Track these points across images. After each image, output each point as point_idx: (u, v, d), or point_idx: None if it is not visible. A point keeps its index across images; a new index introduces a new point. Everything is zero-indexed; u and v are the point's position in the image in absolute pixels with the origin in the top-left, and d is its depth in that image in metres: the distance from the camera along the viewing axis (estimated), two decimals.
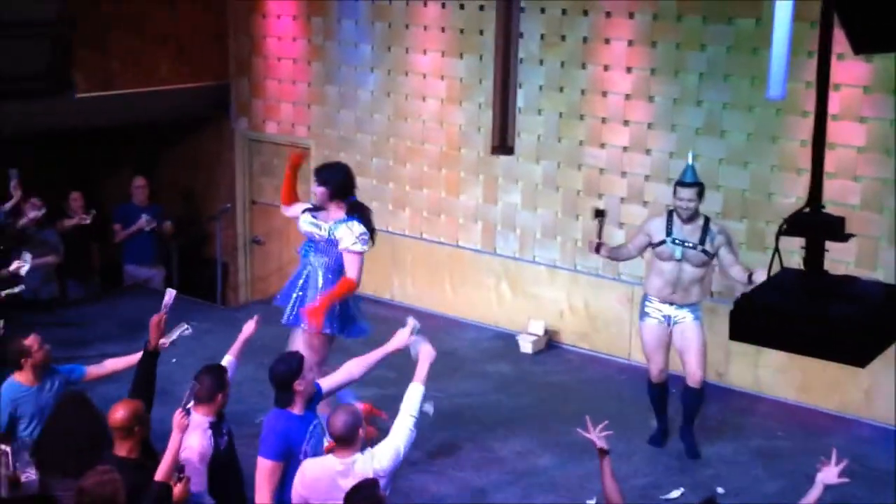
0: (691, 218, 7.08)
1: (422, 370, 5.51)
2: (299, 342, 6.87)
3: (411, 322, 5.87)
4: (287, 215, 7.30)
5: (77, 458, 5.49)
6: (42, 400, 6.28)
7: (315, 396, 5.62)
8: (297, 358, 5.48)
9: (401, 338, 5.84)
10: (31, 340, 6.43)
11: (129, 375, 8.03)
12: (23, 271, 7.71)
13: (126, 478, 5.11)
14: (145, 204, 10.49)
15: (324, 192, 6.78)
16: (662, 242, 7.15)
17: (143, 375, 5.85)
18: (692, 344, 7.18)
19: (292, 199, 7.17)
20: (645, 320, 7.31)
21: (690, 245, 7.07)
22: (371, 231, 6.86)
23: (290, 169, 7.19)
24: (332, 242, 6.78)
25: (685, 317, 7.21)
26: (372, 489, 4.79)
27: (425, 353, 5.58)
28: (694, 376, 7.21)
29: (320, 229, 6.82)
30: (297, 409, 5.43)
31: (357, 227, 6.73)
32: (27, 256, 7.74)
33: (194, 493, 5.23)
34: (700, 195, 7.07)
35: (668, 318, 7.24)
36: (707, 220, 7.16)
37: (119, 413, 5.20)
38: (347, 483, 5.03)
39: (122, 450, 5.22)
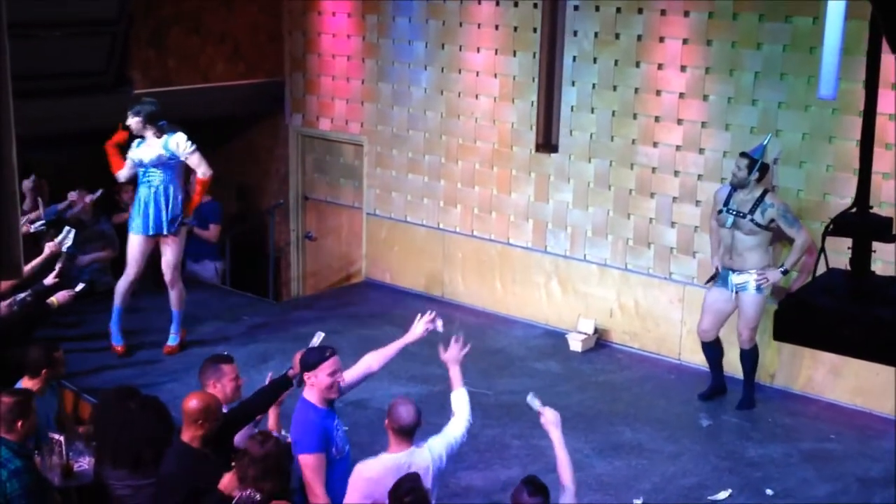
0: (746, 188, 7.66)
1: (455, 377, 5.63)
2: (167, 251, 8.49)
3: (431, 315, 5.98)
4: (125, 176, 8.52)
5: (137, 448, 5.61)
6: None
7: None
8: (327, 350, 5.53)
9: (417, 330, 5.93)
10: (59, 353, 6.52)
11: (181, 371, 8.24)
12: (64, 247, 7.84)
13: (182, 464, 5.24)
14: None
15: (138, 122, 8.25)
16: (720, 211, 7.81)
17: (268, 392, 5.89)
18: (744, 311, 7.82)
19: (120, 165, 8.42)
20: (713, 285, 8.00)
21: (741, 214, 7.65)
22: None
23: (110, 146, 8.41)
24: (171, 157, 8.30)
25: (747, 285, 7.75)
26: (415, 482, 4.85)
27: (450, 359, 5.65)
28: (740, 338, 7.89)
29: (153, 152, 8.29)
30: (315, 401, 5.45)
31: (181, 135, 8.34)
32: (69, 233, 7.86)
33: None
34: (750, 169, 7.62)
35: (732, 285, 7.81)
36: (765, 192, 7.69)
37: (192, 402, 5.40)
38: None
39: (186, 435, 5.39)
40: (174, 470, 5.33)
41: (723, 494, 6.78)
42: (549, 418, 5.41)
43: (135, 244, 8.46)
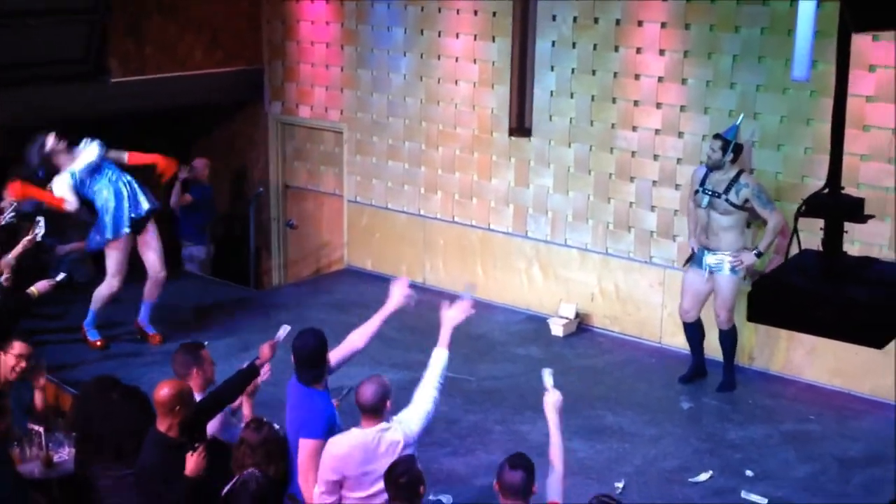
0: (721, 169, 7.69)
1: (445, 335, 5.55)
2: (152, 243, 8.51)
3: (404, 281, 6.04)
4: (75, 205, 8.28)
5: (120, 439, 5.60)
6: None
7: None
8: (320, 333, 5.55)
9: (395, 296, 5.94)
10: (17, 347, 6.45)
11: (161, 362, 8.22)
12: (38, 237, 7.81)
13: (160, 454, 5.23)
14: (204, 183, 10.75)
15: (61, 140, 8.14)
16: (696, 191, 7.84)
17: (236, 382, 5.89)
18: (720, 292, 7.86)
19: (59, 199, 8.23)
20: (689, 266, 8.05)
21: (716, 194, 7.68)
22: None
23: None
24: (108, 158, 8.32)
25: (722, 266, 7.79)
26: (410, 464, 4.88)
27: (448, 318, 5.59)
28: (718, 318, 7.92)
29: (90, 153, 8.23)
30: (322, 386, 5.49)
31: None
32: (40, 223, 7.83)
33: None
34: (724, 150, 7.65)
35: (707, 266, 7.86)
36: (740, 172, 7.71)
37: (164, 391, 5.33)
38: (380, 451, 5.14)
39: (162, 425, 5.36)
40: (153, 461, 5.32)
41: (703, 476, 6.82)
42: (551, 400, 5.42)
43: (120, 251, 8.36)
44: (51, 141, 8.09)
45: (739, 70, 8.27)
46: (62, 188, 8.14)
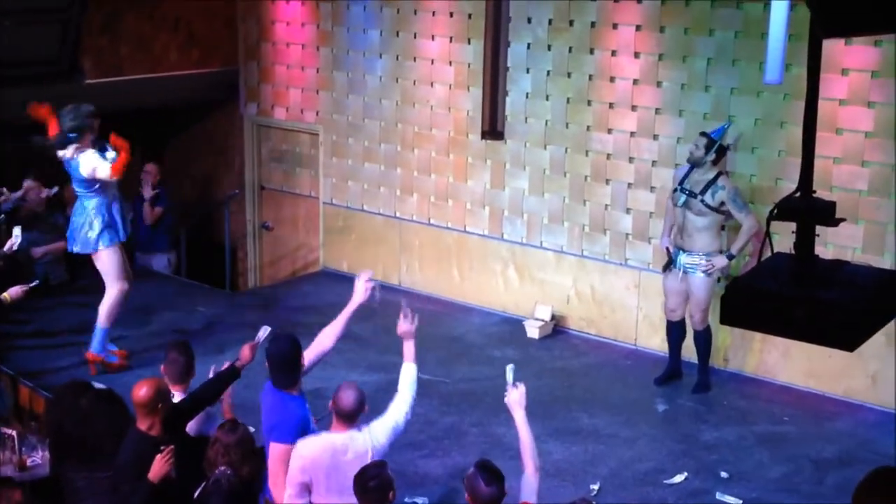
0: (702, 168, 7.71)
1: (409, 350, 5.59)
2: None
3: (366, 274, 6.03)
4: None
5: (95, 441, 5.58)
6: None
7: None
8: (295, 338, 5.56)
9: (358, 292, 5.94)
10: None
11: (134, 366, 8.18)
12: (16, 246, 7.73)
13: (142, 452, 5.22)
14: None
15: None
16: (675, 190, 7.86)
17: (216, 383, 5.89)
18: (694, 294, 7.88)
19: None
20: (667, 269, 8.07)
21: (693, 194, 7.70)
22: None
23: None
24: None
25: (695, 267, 7.80)
26: (380, 469, 4.86)
27: (403, 334, 5.61)
28: (692, 319, 8.00)
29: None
30: (296, 391, 5.49)
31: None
32: (17, 231, 7.74)
33: None
34: (707, 149, 7.66)
35: (682, 266, 7.86)
36: (718, 174, 7.72)
37: (143, 390, 5.31)
38: (347, 458, 5.13)
39: (143, 424, 5.35)
40: (134, 459, 5.30)
41: (679, 478, 6.84)
42: (514, 397, 5.39)
43: (119, 256, 7.94)
44: (97, 122, 7.78)
45: (713, 73, 8.31)
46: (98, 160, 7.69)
